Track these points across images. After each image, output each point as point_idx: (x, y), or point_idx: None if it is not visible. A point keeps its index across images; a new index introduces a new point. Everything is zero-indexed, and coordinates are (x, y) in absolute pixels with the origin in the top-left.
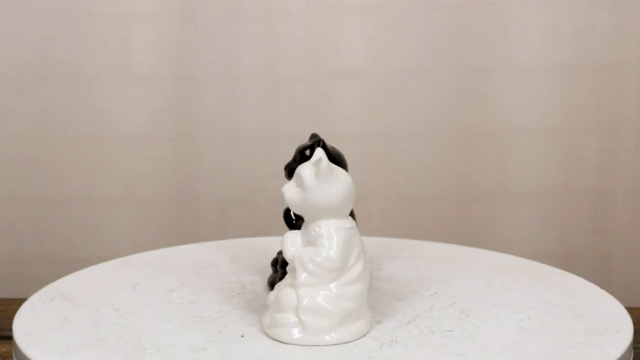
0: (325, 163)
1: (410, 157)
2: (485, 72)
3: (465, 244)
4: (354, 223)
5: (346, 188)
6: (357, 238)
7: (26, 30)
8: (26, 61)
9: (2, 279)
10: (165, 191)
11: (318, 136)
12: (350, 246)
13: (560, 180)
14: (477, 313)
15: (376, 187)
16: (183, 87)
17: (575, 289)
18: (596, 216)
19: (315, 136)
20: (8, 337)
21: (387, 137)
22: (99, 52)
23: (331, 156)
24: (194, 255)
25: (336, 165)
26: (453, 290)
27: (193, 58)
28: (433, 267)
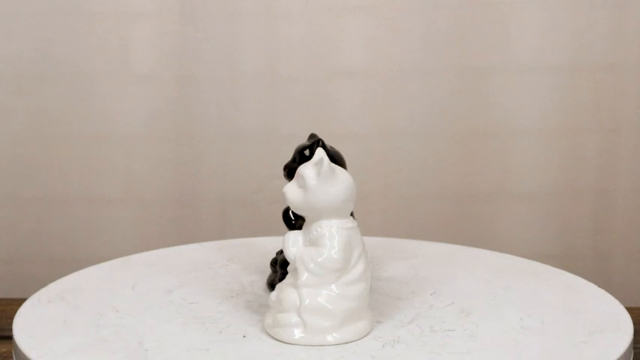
0: (327, 163)
1: (410, 157)
2: (485, 72)
3: (465, 244)
4: (355, 223)
5: (347, 188)
6: (359, 238)
7: (26, 30)
8: (26, 61)
9: (2, 279)
10: (165, 191)
11: (316, 136)
12: (351, 246)
13: (560, 180)
14: (477, 313)
15: (376, 187)
16: (183, 87)
17: (575, 289)
18: (596, 216)
19: (313, 136)
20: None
21: (387, 137)
22: (99, 52)
23: (330, 156)
24: (194, 255)
25: (335, 165)
26: (452, 290)
27: (193, 58)
28: (433, 267)
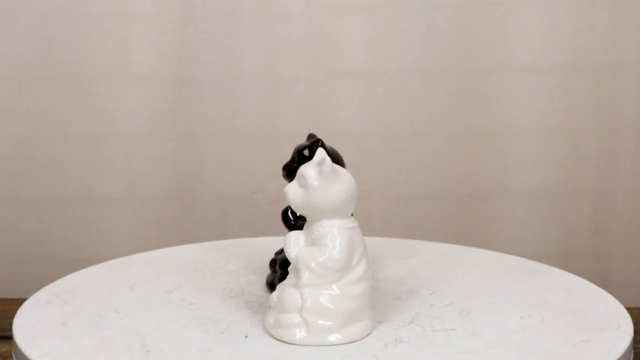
0: (329, 163)
1: (410, 157)
2: (485, 72)
3: (465, 244)
4: (356, 223)
5: (349, 188)
6: (360, 238)
7: (26, 30)
8: (26, 61)
9: (2, 279)
10: (165, 191)
11: (315, 136)
12: (353, 246)
13: (560, 180)
14: (477, 312)
15: (376, 187)
16: (183, 87)
17: (575, 289)
18: (596, 216)
19: (312, 137)
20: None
21: (387, 137)
22: (99, 52)
23: (329, 155)
24: (194, 255)
25: (337, 165)
26: (451, 289)
27: (193, 58)
28: (433, 267)
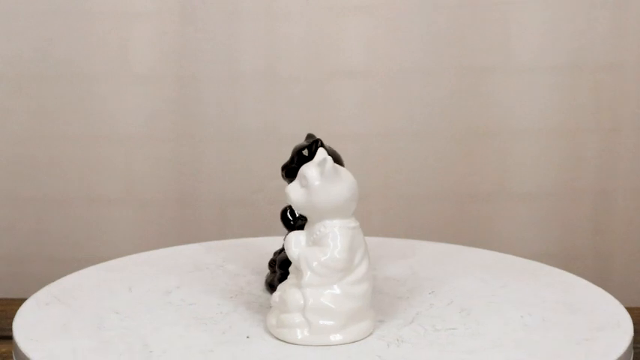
0: (330, 163)
1: (410, 157)
2: (485, 72)
3: (465, 244)
4: (357, 223)
5: (350, 188)
6: (361, 238)
7: (26, 30)
8: (26, 61)
9: (2, 279)
10: (165, 191)
11: (314, 136)
12: (355, 245)
13: (560, 180)
14: (477, 311)
15: (376, 187)
16: (183, 87)
17: (575, 289)
18: (596, 216)
19: (311, 136)
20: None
21: (387, 137)
22: (99, 52)
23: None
24: (194, 255)
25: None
26: (451, 289)
27: (193, 58)
28: (432, 266)
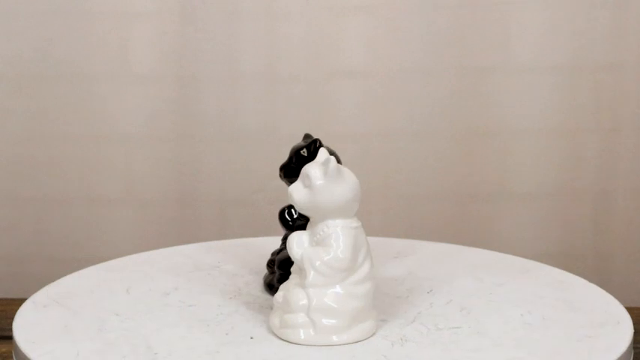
0: (334, 163)
1: (410, 157)
2: (485, 72)
3: (465, 244)
4: (360, 223)
5: (353, 188)
6: (364, 238)
7: (26, 30)
8: (26, 61)
9: (2, 279)
10: (165, 191)
11: (311, 136)
12: (358, 245)
13: (560, 180)
14: (477, 310)
15: (376, 187)
16: (183, 87)
17: (575, 288)
18: (596, 216)
19: (308, 136)
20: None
21: (387, 137)
22: (99, 52)
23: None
24: (194, 255)
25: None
26: (451, 288)
27: (193, 58)
28: (432, 266)
